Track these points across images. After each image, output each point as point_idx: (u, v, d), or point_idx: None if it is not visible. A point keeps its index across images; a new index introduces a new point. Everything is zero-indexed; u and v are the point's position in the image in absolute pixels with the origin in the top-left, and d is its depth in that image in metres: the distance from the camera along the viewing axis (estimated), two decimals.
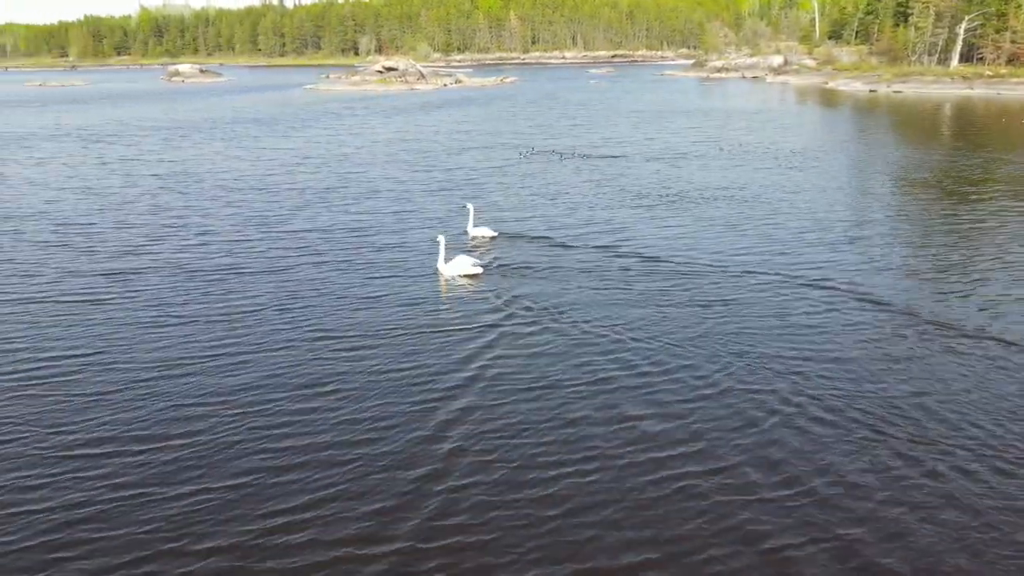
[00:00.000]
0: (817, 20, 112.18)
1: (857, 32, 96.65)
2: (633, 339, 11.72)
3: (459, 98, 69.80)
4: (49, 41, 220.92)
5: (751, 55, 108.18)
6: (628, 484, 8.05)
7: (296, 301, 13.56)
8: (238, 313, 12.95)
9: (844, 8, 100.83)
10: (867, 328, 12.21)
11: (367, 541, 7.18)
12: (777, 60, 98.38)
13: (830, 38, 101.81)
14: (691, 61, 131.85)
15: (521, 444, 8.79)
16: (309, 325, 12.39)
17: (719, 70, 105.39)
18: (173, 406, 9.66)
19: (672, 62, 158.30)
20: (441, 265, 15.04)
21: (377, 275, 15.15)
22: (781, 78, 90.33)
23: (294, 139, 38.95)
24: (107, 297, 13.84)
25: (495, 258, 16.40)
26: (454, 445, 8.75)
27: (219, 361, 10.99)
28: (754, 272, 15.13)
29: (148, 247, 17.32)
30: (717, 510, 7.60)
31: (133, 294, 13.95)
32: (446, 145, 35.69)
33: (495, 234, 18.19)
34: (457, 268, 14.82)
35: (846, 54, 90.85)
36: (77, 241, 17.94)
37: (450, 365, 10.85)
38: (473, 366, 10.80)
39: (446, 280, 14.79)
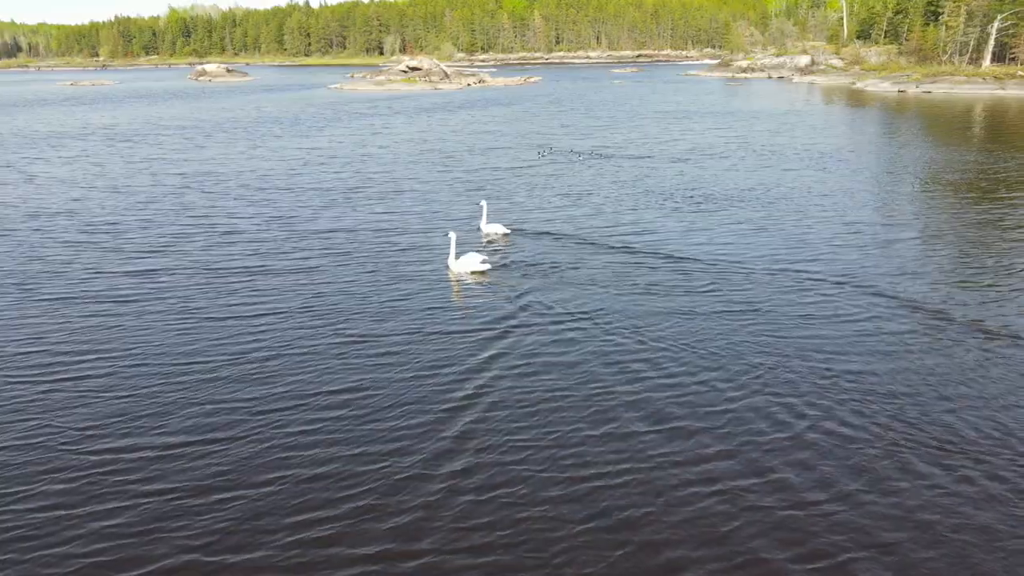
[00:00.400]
0: (845, 19, 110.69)
1: (886, 32, 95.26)
2: (653, 340, 11.56)
3: (482, 98, 69.80)
4: (80, 41, 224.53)
5: (777, 55, 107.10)
6: (663, 486, 7.91)
7: (322, 303, 13.54)
8: (265, 315, 12.95)
9: (873, 7, 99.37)
10: (900, 332, 11.95)
11: (397, 550, 7.13)
12: (804, 60, 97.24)
13: (858, 38, 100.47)
14: (716, 61, 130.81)
15: (545, 451, 8.69)
16: (335, 328, 12.34)
17: (744, 70, 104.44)
18: (202, 411, 9.64)
19: (697, 62, 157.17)
20: (451, 262, 15.16)
21: (401, 276, 15.12)
22: (808, 78, 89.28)
23: (318, 138, 39.16)
24: (135, 297, 13.92)
25: (509, 255, 16.49)
26: (478, 450, 8.67)
27: (246, 365, 10.96)
28: (782, 274, 14.90)
29: (175, 246, 17.45)
30: (760, 516, 7.43)
31: (160, 294, 14.02)
32: (469, 145, 35.66)
33: (508, 231, 18.31)
34: (465, 265, 14.94)
35: (874, 54, 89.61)
36: (104, 240, 18.12)
37: (470, 368, 10.78)
38: (492, 369, 10.72)
39: (455, 277, 14.89)
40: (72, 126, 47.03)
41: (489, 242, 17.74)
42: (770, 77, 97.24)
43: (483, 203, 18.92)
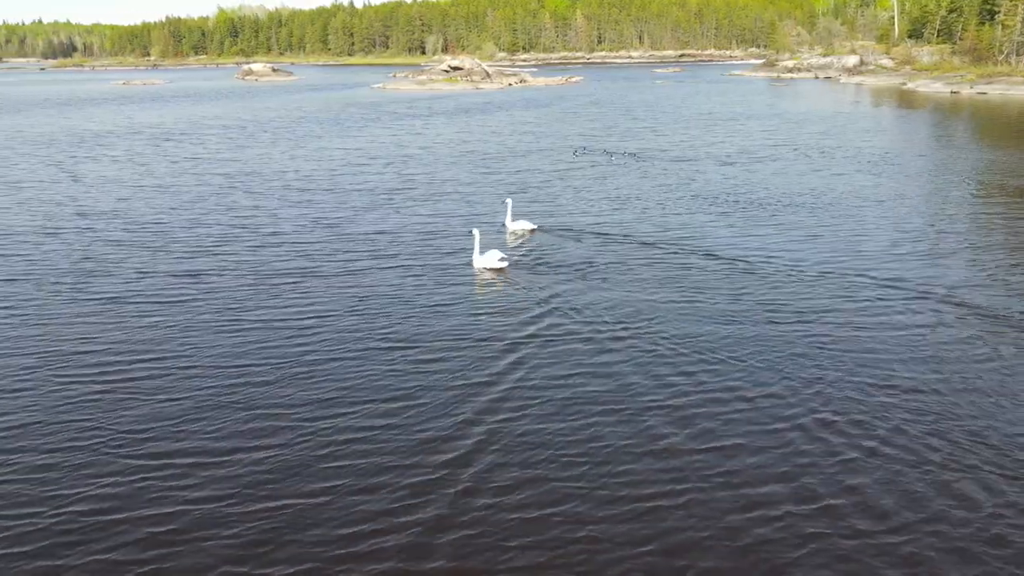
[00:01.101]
0: (896, 18, 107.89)
1: (939, 31, 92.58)
2: (693, 348, 11.32)
3: (523, 98, 69.75)
4: (133, 41, 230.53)
5: (824, 54, 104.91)
6: (707, 508, 7.72)
7: (367, 306, 13.54)
8: (310, 317, 12.98)
9: (925, 6, 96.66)
10: (962, 344, 11.53)
11: (421, 558, 7.09)
12: (852, 60, 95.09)
13: (910, 37, 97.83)
14: (760, 61, 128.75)
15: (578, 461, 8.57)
16: (381, 332, 12.30)
17: (790, 70, 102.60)
18: (248, 416, 9.66)
19: (741, 62, 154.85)
20: (475, 258, 15.53)
21: (444, 280, 15.11)
22: (856, 79, 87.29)
23: (360, 138, 39.52)
24: (183, 298, 14.06)
25: (548, 254, 16.67)
26: (517, 463, 8.60)
27: (291, 368, 10.97)
28: (834, 282, 14.47)
29: (220, 247, 17.66)
30: (816, 545, 7.19)
31: (208, 296, 14.14)
32: (511, 146, 35.63)
33: (534, 227, 18.59)
34: (486, 261, 15.31)
35: (926, 54, 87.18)
36: (152, 240, 18.45)
37: (501, 372, 10.70)
38: (525, 374, 10.63)
39: (479, 274, 15.30)
40: (122, 125, 48.20)
41: (518, 239, 18.05)
42: (816, 77, 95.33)
43: (508, 200, 19.18)
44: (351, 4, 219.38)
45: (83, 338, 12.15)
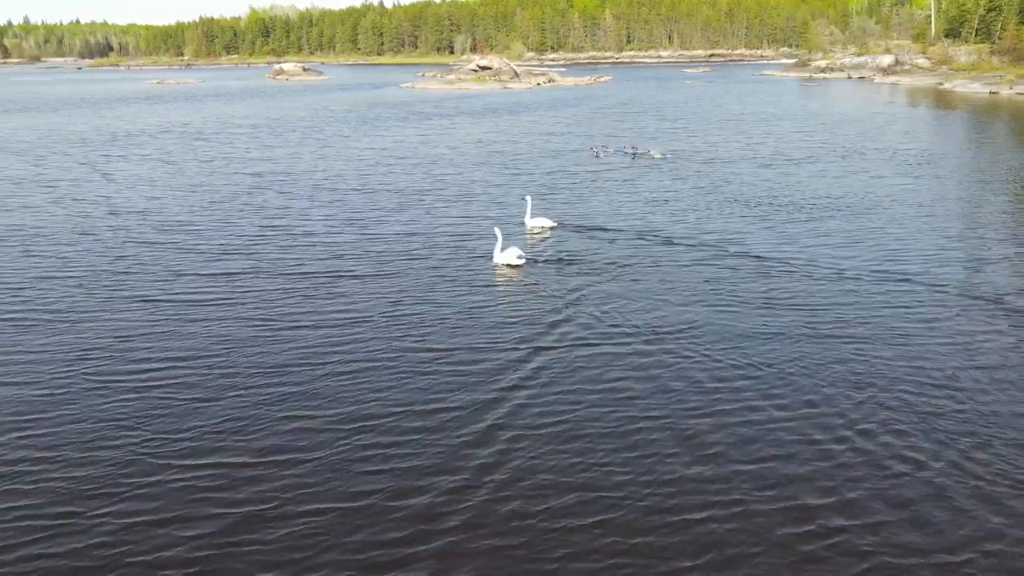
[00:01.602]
0: (933, 17, 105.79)
1: (977, 30, 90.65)
2: (726, 355, 11.05)
3: (552, 98, 69.51)
4: (167, 41, 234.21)
5: (858, 54, 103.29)
6: (758, 530, 7.51)
7: (400, 309, 13.36)
8: (343, 319, 12.84)
9: (963, 5, 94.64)
10: (1007, 350, 11.11)
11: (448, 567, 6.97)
12: (887, 59, 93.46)
13: (947, 36, 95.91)
14: (792, 61, 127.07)
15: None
16: (412, 335, 12.15)
17: (823, 70, 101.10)
18: (283, 418, 9.58)
19: (772, 61, 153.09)
20: (496, 255, 15.85)
21: (477, 281, 14.97)
22: (891, 78, 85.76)
23: (389, 138, 39.60)
24: (215, 300, 13.98)
25: (563, 249, 16.81)
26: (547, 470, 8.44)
27: (325, 370, 10.85)
28: (879, 288, 14.09)
29: (251, 248, 17.65)
30: (861, 561, 6.95)
31: (240, 297, 14.07)
32: (540, 147, 35.43)
33: (554, 225, 18.79)
34: (504, 258, 15.72)
35: (964, 53, 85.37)
36: (183, 240, 18.49)
37: (524, 376, 10.56)
38: (556, 378, 10.46)
39: (499, 270, 15.56)
40: (155, 124, 48.80)
41: (543, 238, 18.09)
42: (850, 77, 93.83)
43: (527, 198, 19.32)
44: (381, 4, 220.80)
45: (119, 341, 12.11)
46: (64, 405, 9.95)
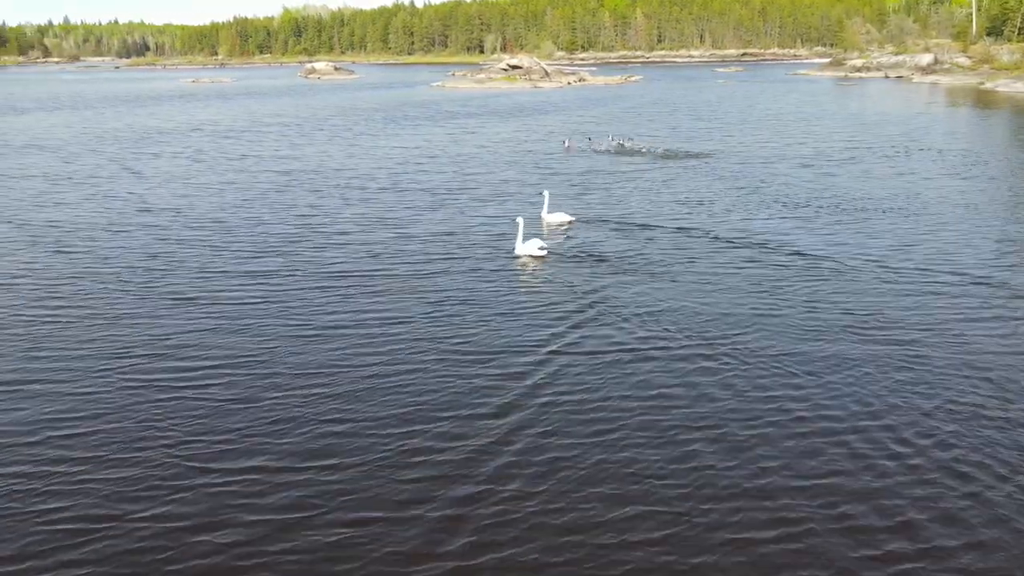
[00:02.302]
0: (974, 15, 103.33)
1: (1020, 29, 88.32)
2: (764, 360, 10.66)
3: (583, 97, 69.06)
4: (202, 41, 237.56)
5: (896, 53, 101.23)
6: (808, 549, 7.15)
7: (437, 309, 13.12)
8: (379, 323, 12.51)
9: (1006, 3, 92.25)
10: None
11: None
12: (926, 58, 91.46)
13: (988, 35, 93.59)
14: (826, 60, 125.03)
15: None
16: (450, 338, 11.86)
17: (859, 69, 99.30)
18: (322, 420, 9.40)
19: (805, 61, 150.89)
20: (518, 246, 16.18)
21: (514, 286, 14.73)
22: (930, 78, 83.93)
23: (419, 137, 39.51)
24: (250, 300, 13.76)
25: (583, 243, 16.93)
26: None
27: (365, 371, 10.60)
28: (923, 287, 13.59)
29: (284, 247, 17.43)
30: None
31: (275, 298, 13.84)
32: (572, 146, 35.09)
33: (572, 218, 19.00)
34: (526, 249, 16.06)
35: (1006, 52, 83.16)
36: (214, 239, 18.33)
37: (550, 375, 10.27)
38: (582, 380, 10.16)
39: (521, 261, 15.91)
40: (189, 121, 49.26)
41: (562, 232, 18.17)
42: (887, 77, 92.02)
43: (545, 192, 19.44)
44: (411, 4, 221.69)
45: (153, 341, 11.94)
46: (101, 404, 9.85)
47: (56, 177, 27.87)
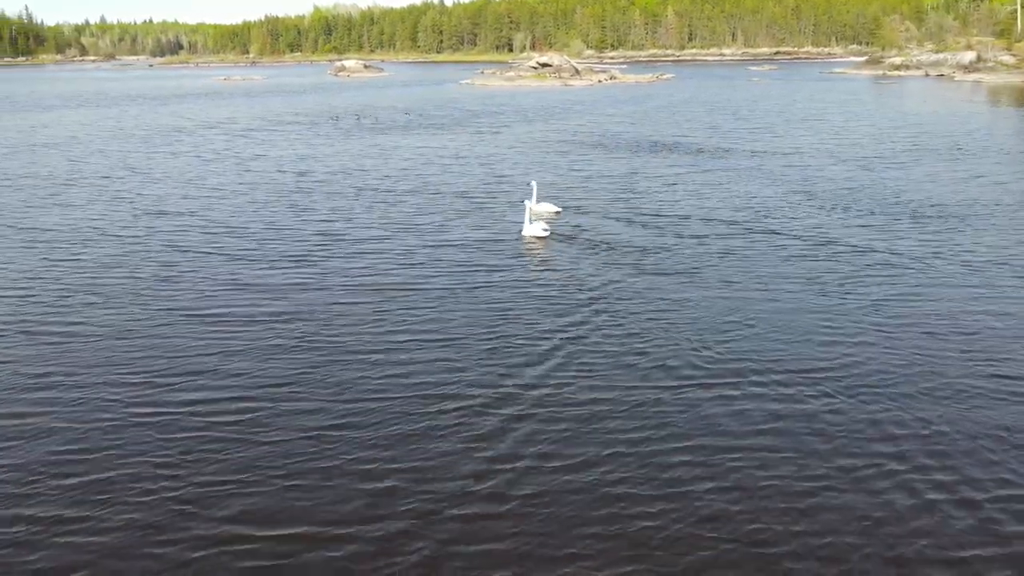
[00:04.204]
0: (1019, 12, 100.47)
1: None
2: (796, 371, 9.92)
3: (615, 95, 68.13)
4: (234, 40, 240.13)
5: (937, 51, 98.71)
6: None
7: (478, 326, 12.05)
8: (419, 346, 11.23)
9: None
10: None
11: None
12: (968, 56, 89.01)
13: None
14: (862, 59, 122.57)
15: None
16: (494, 360, 10.83)
17: (897, 67, 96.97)
18: (350, 442, 8.78)
19: (840, 59, 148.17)
20: (525, 227, 17.37)
21: (547, 295, 14.11)
22: (973, 76, 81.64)
23: (444, 138, 38.96)
24: (276, 319, 12.53)
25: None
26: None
27: (400, 404, 9.50)
28: (993, 301, 12.74)
29: (310, 256, 16.26)
30: None
31: (305, 314, 12.65)
32: (611, 147, 34.35)
33: (559, 210, 19.20)
34: (532, 230, 17.24)
35: None
36: (231, 246, 17.43)
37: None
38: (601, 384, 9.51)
39: (526, 240, 16.91)
40: (223, 118, 49.07)
41: (549, 221, 18.29)
42: (927, 75, 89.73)
43: (533, 183, 19.46)
44: (441, 3, 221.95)
45: (178, 356, 11.04)
46: (117, 423, 9.36)
47: (55, 178, 26.63)
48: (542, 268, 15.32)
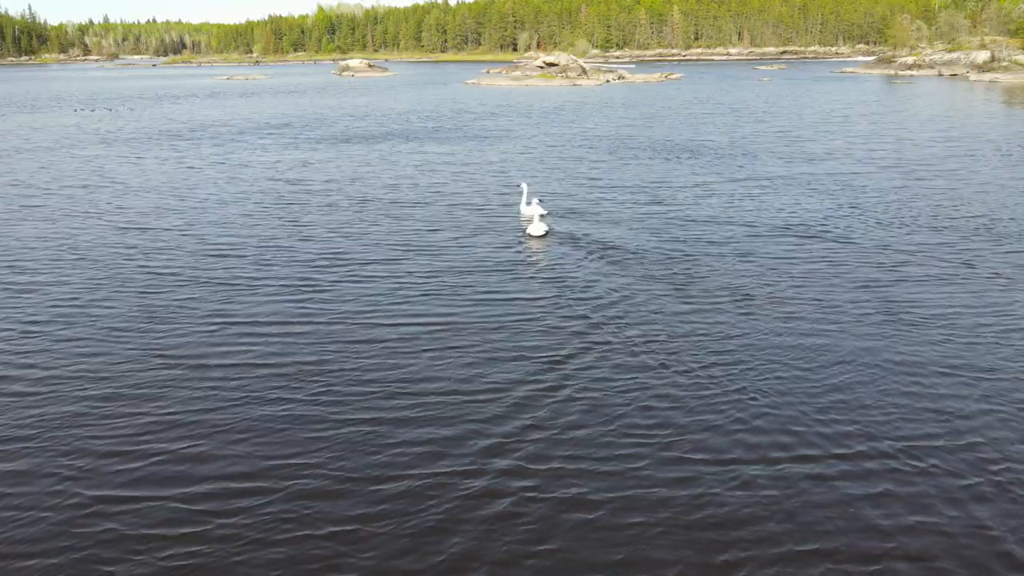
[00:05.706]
0: None
1: None
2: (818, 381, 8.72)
3: (625, 95, 66.95)
4: (237, 39, 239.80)
5: (949, 50, 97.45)
6: None
7: (501, 341, 11.33)
8: (450, 374, 10.16)
9: None
10: None
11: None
12: (982, 55, 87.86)
13: None
14: (871, 58, 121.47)
15: None
16: (512, 377, 10.11)
17: (910, 67, 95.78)
18: (374, 464, 7.82)
19: (848, 59, 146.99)
20: (530, 226, 17.36)
21: (569, 309, 12.95)
22: (988, 76, 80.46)
23: (451, 143, 37.83)
24: (284, 362, 12.12)
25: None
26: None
27: (428, 433, 8.66)
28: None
29: (328, 270, 15.42)
30: None
31: (326, 333, 11.76)
32: (622, 154, 33.20)
33: (545, 212, 18.89)
34: (534, 229, 17.23)
35: None
36: (237, 265, 16.78)
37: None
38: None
39: (528, 241, 16.81)
40: (225, 119, 48.07)
41: (528, 222, 17.99)
42: (940, 75, 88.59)
43: (523, 185, 19.38)
44: (445, 2, 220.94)
45: (190, 365, 10.49)
46: (132, 429, 8.29)
47: (21, 184, 25.13)
48: (564, 284, 13.89)
